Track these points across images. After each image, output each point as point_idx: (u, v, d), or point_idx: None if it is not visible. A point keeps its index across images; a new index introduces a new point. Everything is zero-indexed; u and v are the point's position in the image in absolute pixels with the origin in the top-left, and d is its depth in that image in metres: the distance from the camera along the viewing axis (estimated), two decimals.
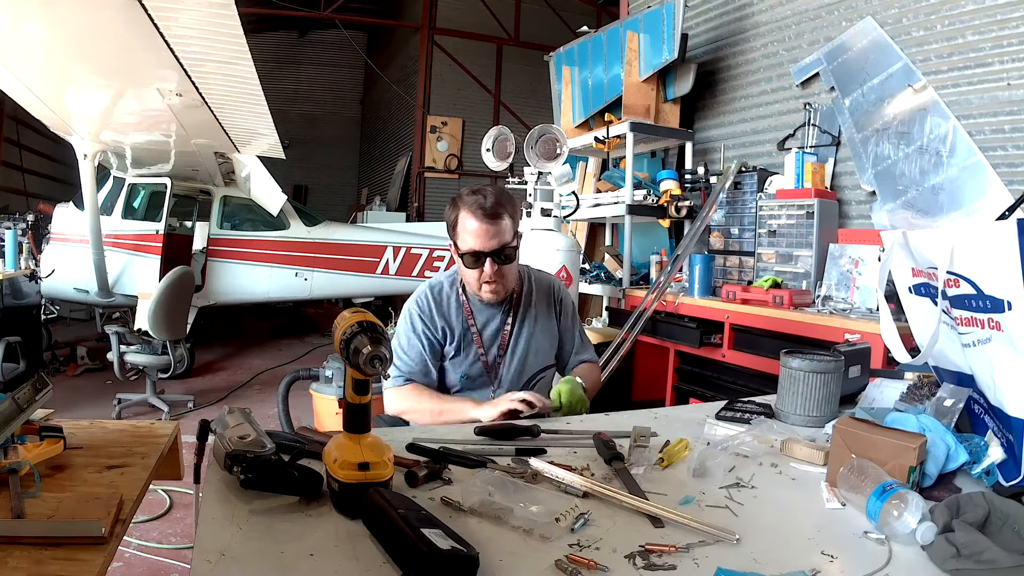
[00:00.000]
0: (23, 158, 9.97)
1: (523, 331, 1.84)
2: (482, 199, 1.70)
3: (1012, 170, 2.84)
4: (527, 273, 1.93)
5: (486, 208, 1.69)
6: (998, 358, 1.10)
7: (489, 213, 1.69)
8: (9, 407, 1.04)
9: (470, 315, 1.82)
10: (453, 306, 1.83)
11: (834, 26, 3.69)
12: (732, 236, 3.81)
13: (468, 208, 1.71)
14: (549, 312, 1.90)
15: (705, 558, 0.83)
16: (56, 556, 0.83)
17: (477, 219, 1.69)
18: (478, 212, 1.69)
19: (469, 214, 1.70)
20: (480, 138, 3.41)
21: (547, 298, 1.90)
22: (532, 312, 1.87)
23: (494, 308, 1.83)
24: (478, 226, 1.68)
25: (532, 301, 1.87)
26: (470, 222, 1.70)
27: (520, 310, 1.85)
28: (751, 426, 1.32)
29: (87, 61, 3.41)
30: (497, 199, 1.71)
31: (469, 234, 1.70)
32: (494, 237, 1.69)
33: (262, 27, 12.84)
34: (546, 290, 1.92)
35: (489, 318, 1.83)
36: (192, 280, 5.22)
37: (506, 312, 1.84)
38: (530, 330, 1.85)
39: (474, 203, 1.70)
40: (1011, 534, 0.85)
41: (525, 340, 1.84)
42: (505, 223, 1.71)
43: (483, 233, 1.68)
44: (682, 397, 3.45)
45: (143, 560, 2.56)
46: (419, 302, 1.84)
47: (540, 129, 3.27)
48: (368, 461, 0.92)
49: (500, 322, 1.84)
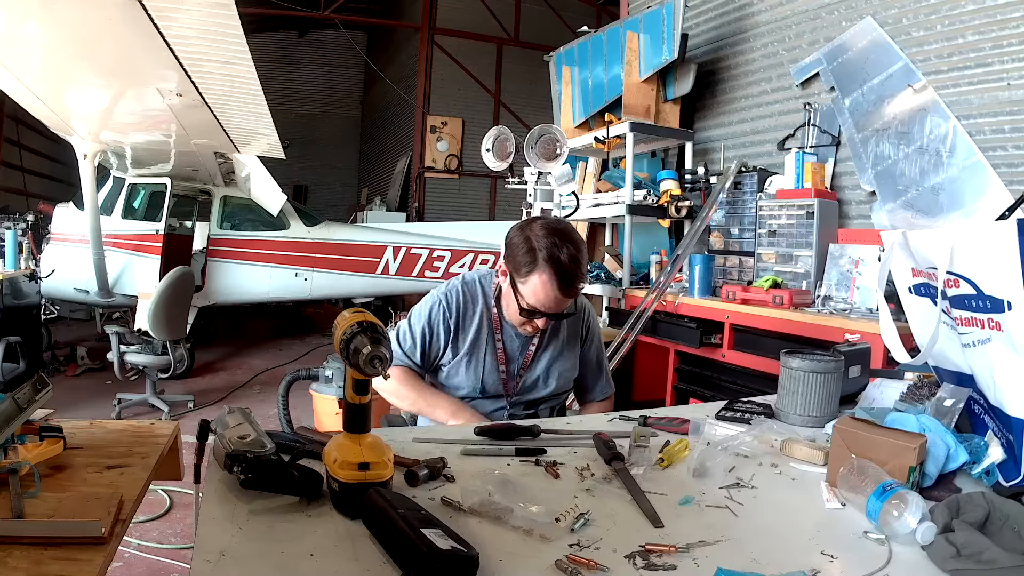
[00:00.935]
0: (23, 158, 9.97)
1: (547, 353, 1.76)
2: (566, 268, 1.52)
3: (1012, 170, 2.83)
4: None
5: (567, 280, 1.54)
6: (998, 358, 1.10)
7: (567, 289, 1.55)
8: (9, 407, 1.04)
9: (498, 327, 1.73)
10: (480, 309, 1.73)
11: (834, 26, 3.69)
12: (732, 236, 3.81)
13: (548, 272, 1.53)
14: (576, 337, 1.81)
15: (705, 558, 0.83)
16: (56, 556, 0.83)
17: (555, 289, 1.54)
18: (557, 283, 1.53)
19: (548, 280, 1.53)
20: (480, 138, 3.41)
21: (576, 322, 1.81)
22: (560, 335, 1.78)
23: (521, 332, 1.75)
24: (553, 295, 1.55)
25: (562, 325, 1.78)
26: (546, 288, 1.54)
27: (548, 332, 1.76)
28: (751, 426, 1.32)
29: (87, 61, 3.41)
30: (578, 271, 1.55)
31: (539, 296, 1.56)
32: (562, 305, 1.61)
33: (262, 27, 12.84)
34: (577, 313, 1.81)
35: (515, 333, 1.74)
36: (192, 280, 5.22)
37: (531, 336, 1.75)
38: (555, 353, 1.76)
39: (556, 271, 1.53)
40: (1011, 534, 0.85)
41: (547, 362, 1.76)
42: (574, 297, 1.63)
43: (554, 302, 1.57)
44: (682, 397, 3.45)
45: (143, 560, 2.56)
46: (447, 296, 1.73)
47: (540, 129, 3.27)
48: (368, 461, 0.92)
49: (526, 340, 1.74)
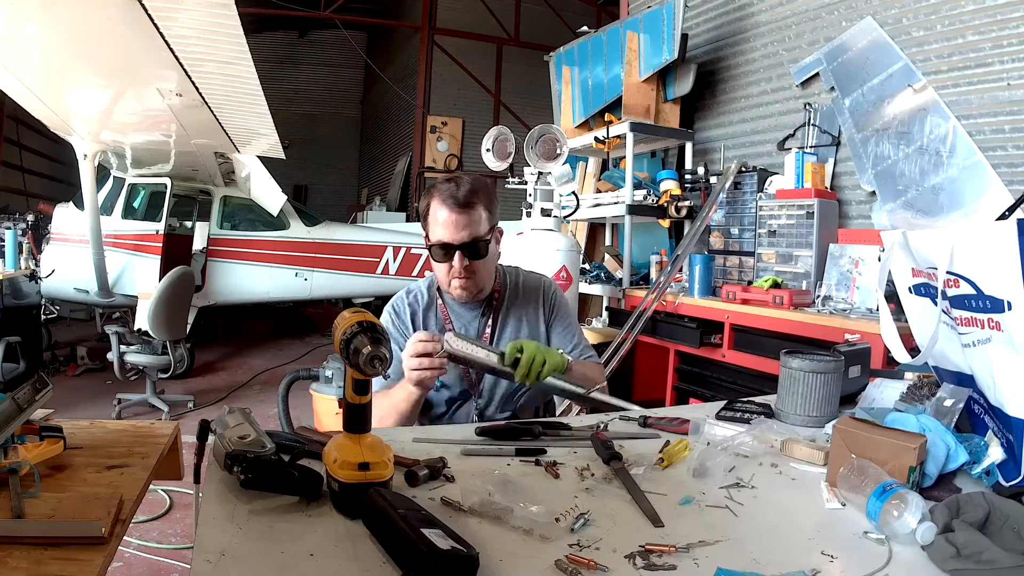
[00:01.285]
0: (23, 158, 9.98)
1: (505, 336, 1.69)
2: (454, 188, 1.57)
3: (1012, 170, 2.84)
4: (514, 273, 1.80)
5: (458, 197, 1.56)
6: (998, 358, 1.10)
7: (461, 203, 1.56)
8: (9, 407, 1.04)
9: (447, 318, 1.69)
10: (429, 309, 1.71)
11: (834, 26, 3.69)
12: (732, 236, 3.81)
13: (439, 197, 1.58)
14: (537, 316, 1.74)
15: (705, 558, 0.83)
16: (56, 556, 0.83)
17: (447, 208, 1.56)
18: (449, 201, 1.56)
19: (440, 203, 1.58)
20: (480, 138, 3.41)
21: (536, 301, 1.75)
22: (517, 315, 1.72)
23: (473, 311, 1.71)
24: (447, 215, 1.56)
25: (517, 304, 1.73)
26: (440, 212, 1.57)
27: (501, 313, 1.71)
28: (751, 426, 1.32)
29: (87, 61, 3.41)
30: (472, 187, 1.58)
31: (439, 225, 1.58)
32: (464, 228, 1.57)
33: (262, 27, 12.85)
34: (535, 292, 1.77)
35: (468, 320, 1.70)
36: (192, 280, 5.23)
37: (484, 315, 1.71)
38: (513, 334, 1.70)
39: (446, 191, 1.58)
40: (1011, 534, 0.85)
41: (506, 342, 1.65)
42: (478, 214, 1.58)
43: (452, 224, 1.56)
44: (682, 397, 3.45)
45: (143, 560, 2.56)
46: (395, 306, 1.74)
47: (540, 129, 3.27)
48: (368, 461, 0.92)
49: (480, 325, 1.70)
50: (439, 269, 1.64)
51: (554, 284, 1.84)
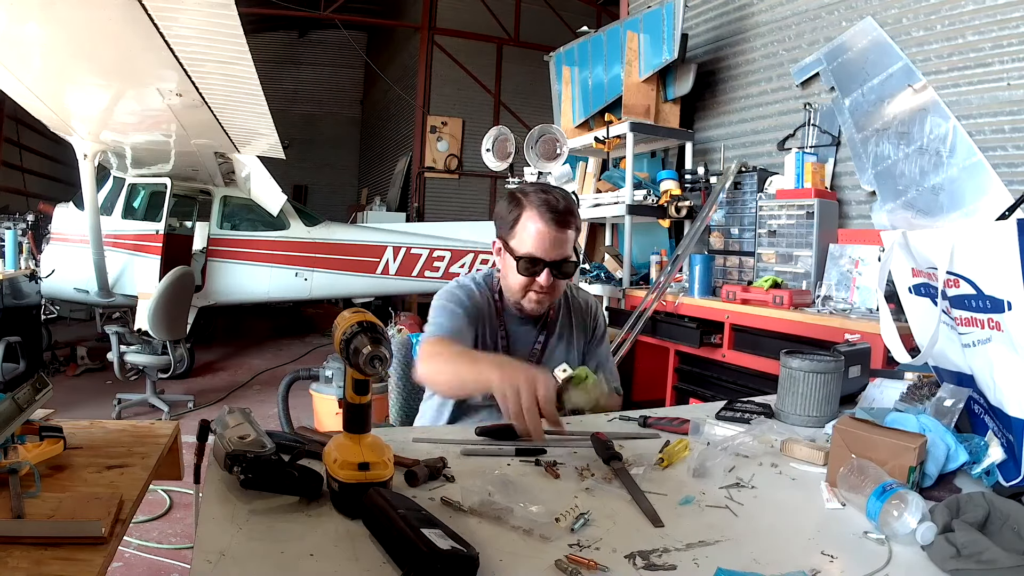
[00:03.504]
0: (23, 158, 9.97)
1: (554, 351, 1.66)
2: (554, 200, 1.50)
3: (1012, 170, 2.84)
4: (568, 288, 1.75)
5: (558, 212, 1.48)
6: (998, 358, 1.10)
7: (560, 220, 1.49)
8: (9, 407, 1.04)
9: (501, 325, 1.64)
10: (485, 308, 1.63)
11: (834, 26, 3.69)
12: (732, 236, 3.81)
13: (536, 208, 1.49)
14: (583, 337, 1.73)
15: (705, 558, 0.83)
16: (56, 556, 0.83)
17: (545, 223, 1.48)
18: (547, 216, 1.48)
19: (537, 215, 1.49)
20: (480, 138, 3.42)
21: (583, 319, 1.73)
22: (567, 332, 1.70)
23: (527, 323, 1.66)
24: (545, 231, 1.48)
25: (570, 321, 1.71)
26: (536, 225, 1.49)
27: (555, 328, 1.68)
28: (751, 426, 1.32)
29: (87, 61, 3.41)
30: (568, 205, 1.51)
31: (532, 237, 1.49)
32: (560, 247, 1.51)
33: (262, 27, 12.84)
34: (583, 310, 1.74)
35: (520, 332, 1.65)
36: (192, 280, 5.23)
37: (540, 328, 1.66)
38: (561, 352, 1.67)
39: (543, 204, 1.49)
40: (1011, 534, 0.85)
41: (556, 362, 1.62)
42: (572, 233, 1.53)
43: (549, 240, 1.49)
44: (682, 397, 3.45)
45: (143, 560, 2.56)
46: (462, 287, 1.63)
47: (540, 129, 3.27)
48: (368, 461, 0.91)
49: (532, 338, 1.65)
50: (516, 281, 1.55)
51: (599, 306, 1.81)
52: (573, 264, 1.56)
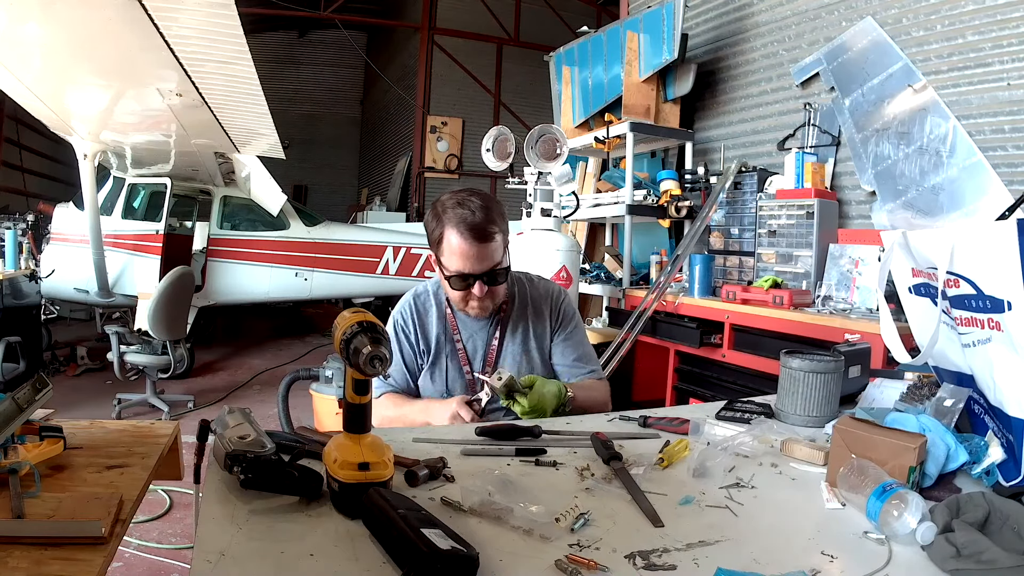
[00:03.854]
0: (23, 158, 9.97)
1: (512, 345, 1.68)
2: (469, 215, 1.49)
3: (1012, 170, 2.84)
4: (523, 282, 1.76)
5: (475, 228, 1.49)
6: (998, 358, 1.10)
7: (478, 235, 1.50)
8: (9, 407, 1.04)
9: (455, 328, 1.68)
10: (435, 317, 1.68)
11: (834, 26, 3.69)
12: (732, 236, 3.81)
13: (454, 226, 1.51)
14: (544, 327, 1.72)
15: (705, 558, 0.83)
16: (56, 556, 0.83)
17: (465, 240, 1.50)
18: (466, 233, 1.49)
19: (455, 233, 1.50)
20: (480, 138, 3.41)
21: (543, 311, 1.72)
22: (524, 324, 1.70)
23: (480, 321, 1.68)
24: (467, 248, 1.50)
25: (526, 313, 1.70)
26: (457, 241, 1.51)
27: (509, 323, 1.69)
28: (751, 426, 1.32)
29: (87, 61, 3.41)
30: (486, 216, 1.51)
31: (456, 255, 1.52)
32: (485, 259, 1.52)
33: (262, 27, 12.85)
34: (543, 299, 1.73)
35: (475, 331, 1.68)
36: (192, 280, 5.23)
37: (494, 325, 1.69)
38: (521, 345, 1.69)
39: (460, 220, 1.50)
40: (1011, 534, 0.85)
41: (514, 356, 1.68)
42: (496, 243, 1.53)
43: (474, 256, 1.51)
44: (682, 397, 3.45)
45: (143, 560, 2.56)
46: (402, 313, 1.71)
47: (540, 129, 3.27)
48: (368, 461, 0.92)
49: (487, 335, 1.68)
50: (455, 294, 1.60)
51: (563, 293, 1.80)
52: (504, 271, 1.58)
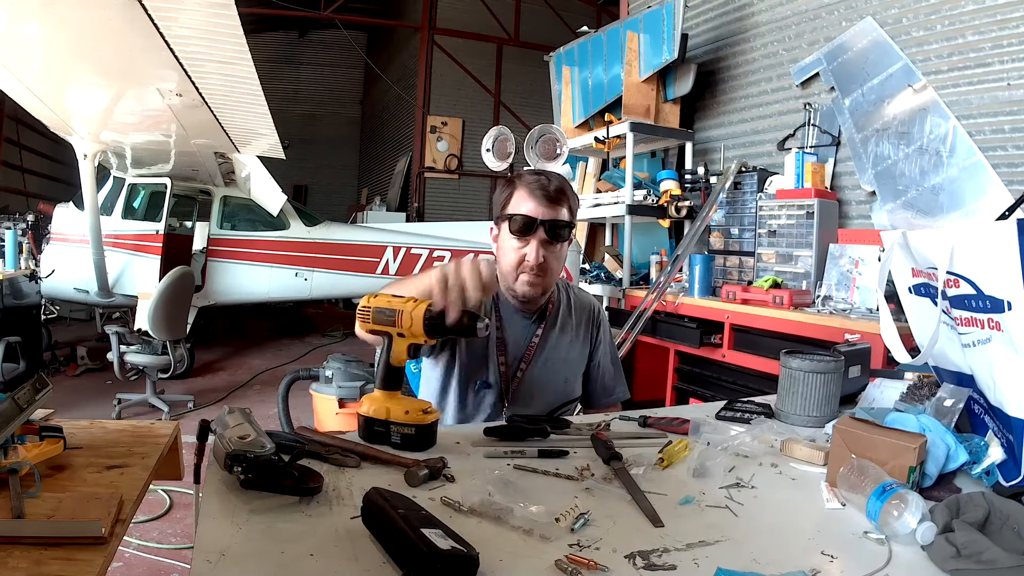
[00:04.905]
0: (23, 158, 9.98)
1: (551, 348, 1.64)
2: (545, 180, 1.52)
3: (1012, 170, 2.84)
4: (566, 288, 1.74)
5: (548, 191, 1.51)
6: (998, 358, 1.10)
7: (551, 197, 1.50)
8: (9, 407, 1.04)
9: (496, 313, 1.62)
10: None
11: (834, 26, 3.69)
12: (732, 236, 3.81)
13: (527, 187, 1.52)
14: (585, 337, 1.70)
15: (705, 558, 0.83)
16: (56, 556, 0.83)
17: (536, 200, 1.50)
18: (538, 193, 1.50)
19: (527, 194, 1.51)
20: (480, 138, 3.42)
21: (586, 321, 1.71)
22: (566, 333, 1.67)
23: (525, 319, 1.63)
24: (540, 199, 1.50)
25: (569, 320, 1.68)
26: (529, 191, 1.51)
27: (553, 324, 1.66)
28: (751, 426, 1.32)
29: (87, 61, 3.41)
30: (561, 185, 1.53)
31: (523, 200, 1.52)
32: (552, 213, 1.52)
33: (262, 27, 12.85)
34: (586, 311, 1.72)
35: (518, 324, 1.63)
36: (192, 280, 5.23)
37: (537, 321, 1.64)
38: (561, 352, 1.65)
39: (535, 183, 1.52)
40: (1011, 534, 0.85)
41: (552, 360, 1.63)
42: (564, 211, 1.53)
43: (543, 206, 1.51)
44: (682, 397, 3.45)
45: (143, 560, 2.56)
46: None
47: (540, 129, 3.27)
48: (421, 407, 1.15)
49: (530, 331, 1.63)
50: (510, 254, 1.54)
51: (602, 308, 1.82)
52: (567, 226, 1.54)
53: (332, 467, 1.06)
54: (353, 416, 1.34)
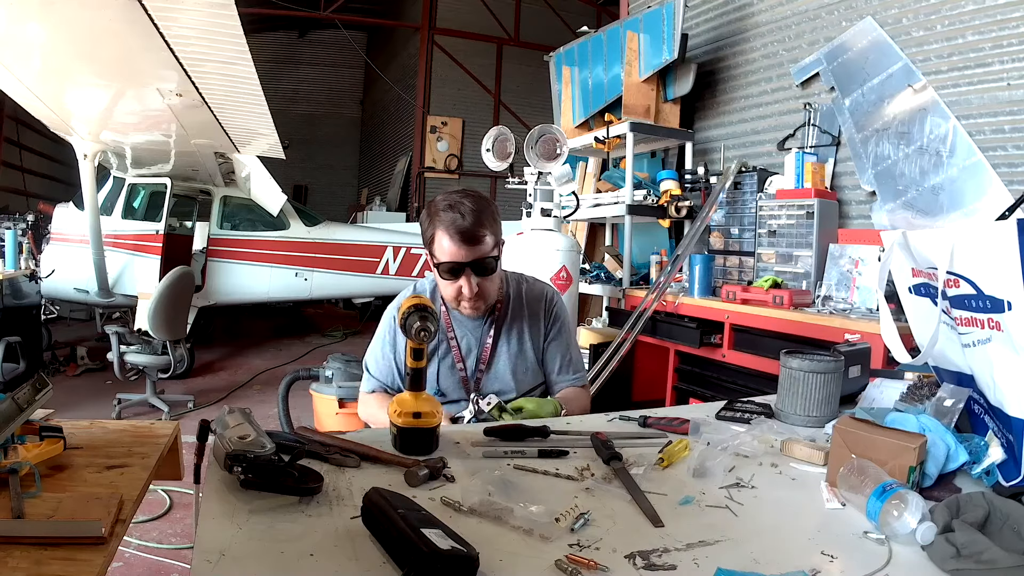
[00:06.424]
0: (23, 158, 9.98)
1: (507, 346, 1.71)
2: (459, 218, 1.54)
3: (1012, 170, 2.83)
4: (517, 281, 1.79)
5: (464, 231, 1.54)
6: (998, 358, 1.10)
7: (467, 238, 1.55)
8: (9, 407, 1.04)
9: (449, 326, 1.70)
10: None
11: (834, 26, 3.69)
12: (732, 236, 3.81)
13: (444, 228, 1.56)
14: (538, 328, 1.75)
15: (705, 558, 0.83)
16: (56, 556, 0.83)
17: (455, 242, 1.55)
18: (456, 236, 1.54)
19: (445, 234, 1.56)
20: (480, 138, 3.41)
21: (537, 312, 1.76)
22: (519, 325, 1.73)
23: (475, 321, 1.71)
24: (455, 250, 1.55)
25: (521, 314, 1.74)
26: (447, 243, 1.56)
27: (504, 323, 1.72)
28: (751, 426, 1.32)
29: (87, 61, 3.41)
30: (477, 218, 1.55)
31: (443, 249, 1.57)
32: (474, 254, 1.57)
33: (262, 27, 12.85)
34: (537, 303, 1.77)
35: (470, 329, 1.71)
36: (192, 280, 5.23)
37: (488, 324, 1.71)
38: (516, 346, 1.72)
39: (452, 225, 1.55)
40: (1011, 534, 0.85)
41: (509, 357, 1.71)
42: (486, 244, 1.58)
43: (463, 250, 1.56)
44: (682, 397, 3.45)
45: (143, 560, 2.56)
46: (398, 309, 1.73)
47: (540, 129, 3.27)
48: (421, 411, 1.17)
49: (481, 335, 1.71)
50: (447, 287, 1.63)
51: (557, 295, 1.84)
52: (493, 259, 1.60)
53: (332, 467, 1.06)
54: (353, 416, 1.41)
